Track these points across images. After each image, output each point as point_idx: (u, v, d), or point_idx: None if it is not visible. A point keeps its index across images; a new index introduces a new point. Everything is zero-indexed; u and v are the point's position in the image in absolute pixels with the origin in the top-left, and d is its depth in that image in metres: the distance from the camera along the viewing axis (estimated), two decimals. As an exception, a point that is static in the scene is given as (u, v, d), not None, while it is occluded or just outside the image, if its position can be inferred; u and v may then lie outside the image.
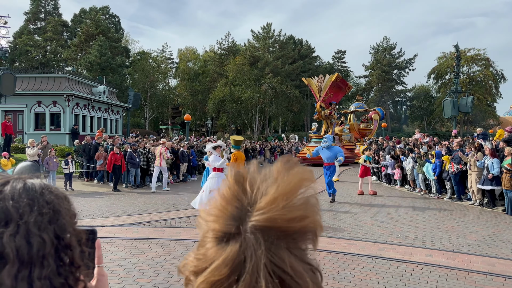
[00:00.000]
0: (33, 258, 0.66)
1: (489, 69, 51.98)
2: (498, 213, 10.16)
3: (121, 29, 53.88)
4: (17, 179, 0.74)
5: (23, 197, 0.70)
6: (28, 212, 0.69)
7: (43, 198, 0.72)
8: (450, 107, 26.37)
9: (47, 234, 0.69)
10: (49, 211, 0.71)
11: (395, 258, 6.12)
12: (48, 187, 0.76)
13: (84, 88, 29.08)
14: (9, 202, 0.68)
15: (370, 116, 31.72)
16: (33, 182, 0.75)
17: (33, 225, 0.68)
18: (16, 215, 0.68)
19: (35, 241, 0.67)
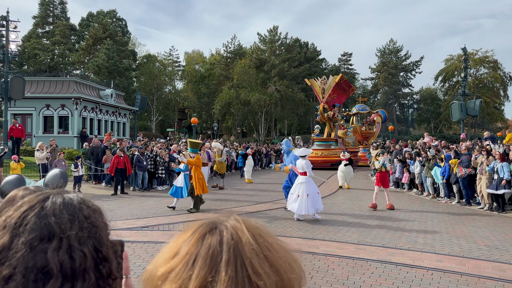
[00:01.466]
0: (75, 272, 0.68)
1: (497, 72, 51.58)
2: (508, 217, 10.07)
3: (128, 32, 54.33)
4: (56, 194, 0.77)
5: (64, 213, 0.72)
6: (69, 227, 0.71)
7: (82, 213, 0.75)
8: (458, 110, 26.21)
9: (87, 248, 0.71)
10: (88, 226, 0.74)
11: (404, 263, 6.09)
12: (85, 202, 0.79)
13: (91, 91, 29.34)
14: (51, 218, 0.71)
15: (373, 118, 31.40)
16: (71, 197, 0.77)
17: (74, 240, 0.70)
18: (59, 231, 0.70)
19: (77, 255, 0.69)
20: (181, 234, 0.66)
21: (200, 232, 0.64)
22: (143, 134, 24.05)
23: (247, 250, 0.60)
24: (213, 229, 0.64)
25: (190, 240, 0.63)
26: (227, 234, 0.62)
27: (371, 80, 61.55)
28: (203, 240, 0.62)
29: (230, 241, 0.61)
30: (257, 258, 0.60)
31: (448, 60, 54.52)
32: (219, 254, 0.59)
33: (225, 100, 45.86)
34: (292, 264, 0.63)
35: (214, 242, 0.61)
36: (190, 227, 0.67)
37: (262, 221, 9.20)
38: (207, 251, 0.60)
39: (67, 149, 21.20)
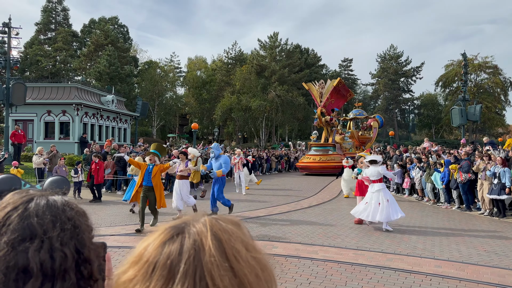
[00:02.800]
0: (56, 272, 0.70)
1: (497, 77, 51.62)
2: (508, 223, 10.03)
3: (129, 38, 54.66)
4: (40, 196, 0.78)
5: (47, 214, 0.74)
6: (51, 228, 0.72)
7: (65, 214, 0.76)
8: (458, 116, 26.20)
9: (69, 249, 0.72)
10: (70, 227, 0.75)
11: (403, 268, 6.07)
12: (68, 204, 0.80)
13: (93, 97, 29.45)
14: (34, 219, 0.72)
15: (369, 123, 31.06)
16: (55, 199, 0.79)
17: (56, 241, 0.71)
18: (41, 231, 0.71)
19: (58, 256, 0.70)
20: (150, 234, 0.64)
21: (163, 237, 0.61)
22: (143, 140, 24.06)
23: (208, 261, 0.56)
24: (174, 236, 0.60)
25: (152, 244, 0.61)
26: (189, 241, 0.58)
27: (372, 85, 61.73)
28: (163, 247, 0.59)
29: (191, 249, 0.57)
30: (218, 270, 0.56)
31: (449, 66, 54.64)
32: (177, 264, 0.56)
33: (227, 106, 45.98)
34: (260, 274, 0.59)
35: (174, 251, 0.58)
36: (160, 227, 0.64)
37: (261, 226, 9.19)
38: (166, 260, 0.57)
39: (68, 155, 21.24)
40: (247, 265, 0.58)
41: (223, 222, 0.63)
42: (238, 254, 0.58)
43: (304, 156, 26.94)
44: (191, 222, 0.63)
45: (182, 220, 0.64)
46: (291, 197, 14.38)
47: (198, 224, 0.62)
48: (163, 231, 0.62)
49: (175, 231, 0.61)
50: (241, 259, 0.58)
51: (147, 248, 0.61)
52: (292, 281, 5.51)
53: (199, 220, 0.63)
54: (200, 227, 0.61)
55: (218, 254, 0.57)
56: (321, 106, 26.05)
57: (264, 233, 8.51)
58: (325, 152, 25.46)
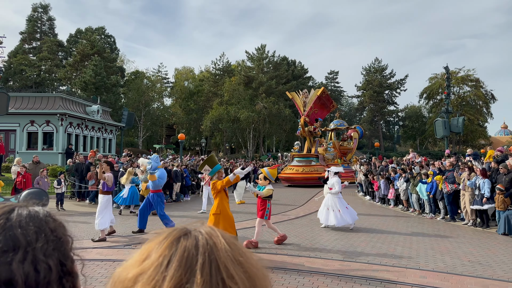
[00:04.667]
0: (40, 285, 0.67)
1: (479, 90, 52.94)
2: (491, 233, 10.17)
3: (116, 49, 54.41)
4: (21, 206, 0.76)
5: (30, 225, 0.72)
6: (35, 239, 0.70)
7: (48, 225, 0.74)
8: (441, 127, 26.72)
9: (53, 261, 0.70)
10: (54, 239, 0.73)
11: (389, 279, 6.07)
12: (51, 215, 0.78)
13: (78, 107, 29.09)
14: (17, 230, 0.70)
15: (350, 134, 30.90)
16: (36, 210, 0.77)
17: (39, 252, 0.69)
18: (24, 243, 0.69)
19: (42, 268, 0.68)
20: (152, 239, 0.66)
21: (174, 235, 0.64)
22: (128, 151, 23.78)
23: (222, 255, 0.60)
24: (187, 233, 0.64)
25: (163, 243, 0.63)
26: (202, 238, 0.62)
27: (357, 97, 62.60)
28: (177, 243, 0.62)
29: (206, 245, 0.61)
30: (232, 263, 0.60)
31: (432, 79, 55.86)
32: (194, 257, 0.59)
33: (215, 117, 45.93)
34: (265, 273, 0.65)
35: (190, 246, 0.61)
36: (161, 232, 0.66)
37: (247, 238, 9.11)
38: (183, 253, 0.60)
39: (51, 166, 20.84)
40: (254, 263, 0.64)
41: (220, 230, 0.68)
42: (244, 254, 0.64)
43: (287, 167, 26.15)
44: (197, 226, 0.67)
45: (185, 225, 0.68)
46: (278, 208, 14.34)
47: (205, 227, 0.66)
48: (173, 231, 0.65)
49: (186, 231, 0.65)
50: (248, 258, 0.64)
51: (156, 246, 0.63)
52: (278, 293, 5.45)
53: (203, 225, 0.68)
54: (208, 230, 0.66)
55: (230, 250, 0.62)
56: (304, 115, 25.59)
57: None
58: (308, 163, 24.90)
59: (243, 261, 0.62)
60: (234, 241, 0.66)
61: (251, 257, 0.65)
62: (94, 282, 5.81)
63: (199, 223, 0.68)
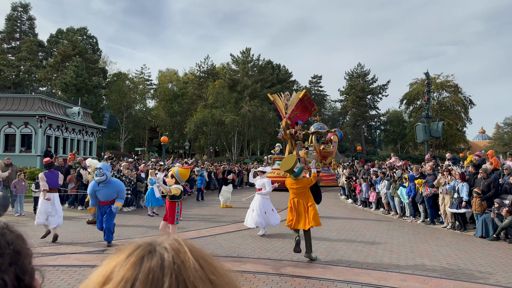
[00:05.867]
0: None
1: (458, 95, 54.25)
2: (469, 236, 10.40)
3: (98, 50, 53.63)
4: None
5: None
6: None
7: (4, 238, 0.70)
8: (422, 132, 27.25)
9: (9, 276, 0.67)
10: (10, 252, 0.69)
11: (370, 283, 6.12)
12: (8, 227, 0.74)
13: (58, 109, 28.48)
14: None
15: (329, 137, 30.93)
16: None
17: None
18: None
19: None
20: (112, 257, 0.61)
21: (137, 255, 0.59)
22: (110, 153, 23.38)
23: (191, 275, 0.56)
24: (151, 252, 0.59)
25: (125, 264, 0.58)
26: (168, 257, 0.58)
27: (341, 102, 63.28)
28: (141, 263, 0.57)
29: (172, 264, 0.57)
30: (202, 283, 0.56)
31: (413, 84, 56.96)
32: (160, 279, 0.55)
33: (200, 120, 45.63)
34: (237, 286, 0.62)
35: (155, 266, 0.56)
36: (123, 249, 0.62)
37: (230, 242, 9.06)
38: (147, 276, 0.55)
39: (29, 169, 20.31)
40: (225, 278, 0.60)
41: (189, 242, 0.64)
42: (216, 270, 0.60)
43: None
44: (161, 241, 0.62)
45: (149, 239, 0.63)
46: (261, 212, 14.30)
47: (171, 242, 0.61)
48: (136, 249, 0.60)
49: (150, 248, 0.60)
50: (219, 275, 0.59)
51: (116, 267, 0.58)
52: (260, 298, 5.42)
53: (169, 238, 0.63)
54: (174, 245, 0.61)
55: (199, 269, 0.58)
56: (286, 118, 25.41)
57: (233, 249, 8.39)
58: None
59: (215, 280, 0.58)
60: (205, 256, 0.62)
61: (225, 274, 0.61)
62: (71, 289, 5.66)
63: (164, 237, 0.64)
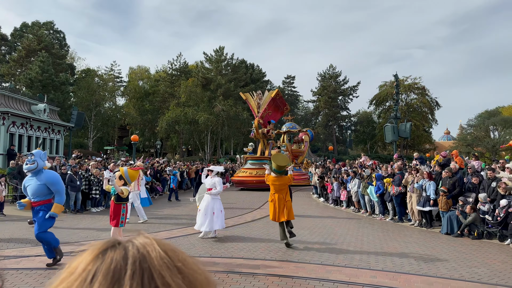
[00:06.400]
0: None
1: (425, 97, 56.19)
2: (435, 233, 10.78)
3: (66, 45, 51.81)
4: None
5: None
6: None
7: None
8: (390, 132, 28.01)
9: None
10: None
11: (341, 280, 6.21)
12: None
13: (22, 106, 27.26)
14: None
15: (301, 137, 30.93)
16: None
17: None
18: None
19: None
20: (81, 253, 0.60)
21: (100, 248, 0.58)
22: (78, 152, 22.62)
23: (157, 263, 0.56)
24: (115, 245, 0.59)
25: (88, 256, 0.57)
26: (133, 248, 0.58)
27: (313, 102, 64.11)
28: (103, 255, 0.57)
29: (136, 254, 0.56)
30: (168, 270, 0.56)
31: (382, 86, 58.52)
32: (123, 268, 0.54)
33: (172, 119, 44.87)
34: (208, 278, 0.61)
35: (118, 257, 0.56)
36: (89, 246, 0.61)
37: (203, 242, 8.98)
38: (109, 266, 0.55)
39: (-10, 168, 19.34)
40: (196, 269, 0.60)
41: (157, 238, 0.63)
42: (185, 261, 0.60)
43: (240, 170, 25.52)
44: (130, 239, 0.61)
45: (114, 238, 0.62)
46: (235, 211, 14.29)
47: (139, 237, 0.61)
48: (100, 243, 0.60)
49: (114, 242, 0.60)
50: (188, 264, 0.59)
51: (82, 260, 0.58)
52: (233, 297, 5.39)
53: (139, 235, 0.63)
54: (142, 239, 0.61)
55: (167, 257, 0.58)
56: (258, 117, 25.17)
57: (206, 249, 8.31)
58: (261, 166, 23.97)
59: (182, 267, 0.58)
60: (173, 248, 0.62)
61: (192, 262, 0.61)
62: (36, 293, 5.42)
63: (135, 234, 0.63)
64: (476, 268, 7.11)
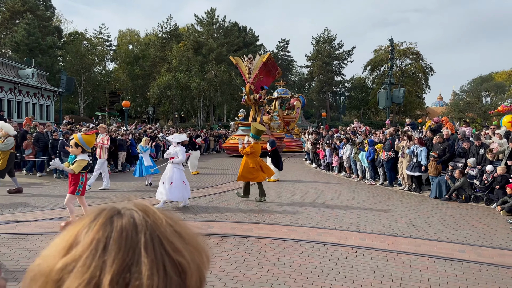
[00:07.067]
0: None
1: (419, 63, 55.77)
2: (424, 197, 11.04)
3: (52, 7, 49.81)
4: None
5: None
6: None
7: None
8: (384, 98, 28.00)
9: None
10: None
11: (332, 242, 6.41)
12: None
13: (9, 70, 26.60)
14: None
15: (293, 103, 30.37)
16: None
17: None
18: None
19: None
20: (76, 223, 0.59)
21: (105, 215, 0.58)
22: (69, 118, 22.34)
23: (163, 230, 0.58)
24: (119, 212, 0.59)
25: (93, 225, 0.56)
26: (139, 216, 0.58)
27: (307, 67, 63.32)
28: (111, 223, 0.56)
29: (144, 222, 0.57)
30: (175, 236, 0.58)
31: (377, 51, 57.75)
32: (135, 235, 0.55)
33: (164, 84, 44.14)
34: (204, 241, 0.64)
35: (126, 224, 0.56)
36: (86, 215, 0.59)
37: (197, 207, 9.12)
38: (120, 234, 0.55)
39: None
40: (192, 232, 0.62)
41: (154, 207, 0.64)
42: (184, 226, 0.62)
43: (231, 137, 24.77)
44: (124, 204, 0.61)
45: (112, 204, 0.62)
46: (228, 177, 14.42)
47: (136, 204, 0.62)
48: (99, 211, 0.59)
49: (116, 209, 0.59)
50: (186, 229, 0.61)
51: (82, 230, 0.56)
52: (227, 259, 5.55)
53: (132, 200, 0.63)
54: (140, 203, 0.61)
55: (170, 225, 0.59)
56: (249, 83, 24.45)
57: (200, 214, 8.46)
58: None
59: (183, 234, 0.60)
60: (171, 214, 0.63)
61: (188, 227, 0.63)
62: (33, 257, 5.53)
63: (125, 201, 0.63)
64: (462, 230, 7.36)
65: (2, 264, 0.84)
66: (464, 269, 5.32)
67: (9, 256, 5.53)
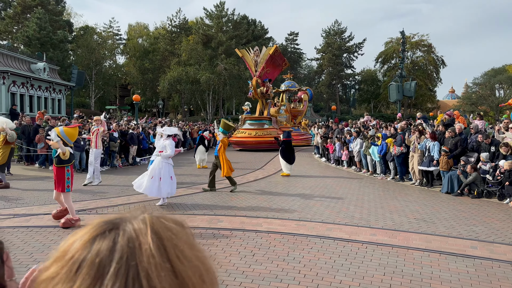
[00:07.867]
0: None
1: (431, 55, 54.88)
2: (435, 192, 10.93)
3: (62, 1, 50.10)
4: None
5: None
6: None
7: None
8: (395, 91, 27.69)
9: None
10: None
11: (341, 238, 6.39)
12: None
13: (21, 64, 26.90)
14: None
15: (300, 96, 29.84)
16: None
17: None
18: None
19: None
20: (79, 230, 0.57)
21: (92, 233, 0.54)
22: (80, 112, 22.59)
23: (145, 260, 0.51)
24: (106, 231, 0.54)
25: (80, 240, 0.54)
26: (123, 239, 0.53)
27: (317, 60, 62.77)
28: (92, 243, 0.53)
29: (125, 248, 0.52)
30: (157, 271, 0.51)
31: (388, 43, 56.98)
32: (108, 264, 0.50)
33: (173, 78, 44.27)
34: (204, 275, 0.56)
35: (104, 249, 0.52)
36: (93, 221, 0.58)
37: (207, 201, 9.16)
38: (94, 259, 0.51)
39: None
40: (191, 265, 0.54)
41: (165, 221, 0.58)
42: (182, 254, 0.54)
43: (238, 130, 24.37)
44: (129, 218, 0.57)
45: (119, 215, 0.58)
46: (237, 171, 14.44)
47: (136, 221, 0.56)
48: (94, 226, 0.56)
49: (108, 227, 0.55)
50: (184, 260, 0.54)
51: (73, 243, 0.54)
52: (237, 254, 5.58)
53: (138, 216, 0.57)
54: (138, 224, 0.55)
55: (158, 254, 0.52)
56: (256, 76, 24.04)
57: (210, 208, 8.50)
58: (260, 126, 23.65)
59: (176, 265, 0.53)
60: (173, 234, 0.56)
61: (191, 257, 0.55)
62: (46, 250, 5.63)
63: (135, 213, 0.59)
64: (474, 226, 7.27)
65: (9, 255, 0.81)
66: (476, 266, 5.26)
67: (23, 248, 5.64)
